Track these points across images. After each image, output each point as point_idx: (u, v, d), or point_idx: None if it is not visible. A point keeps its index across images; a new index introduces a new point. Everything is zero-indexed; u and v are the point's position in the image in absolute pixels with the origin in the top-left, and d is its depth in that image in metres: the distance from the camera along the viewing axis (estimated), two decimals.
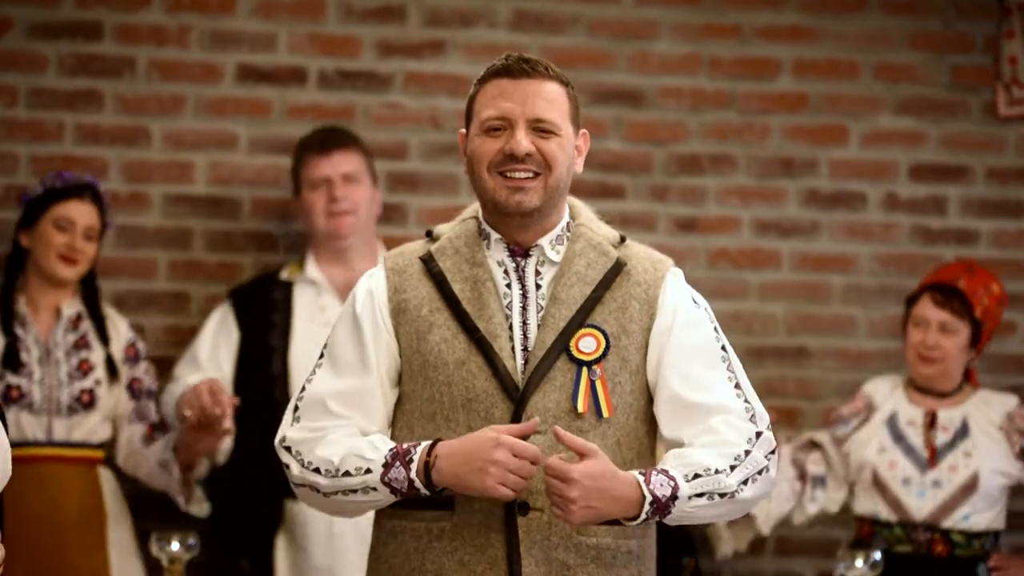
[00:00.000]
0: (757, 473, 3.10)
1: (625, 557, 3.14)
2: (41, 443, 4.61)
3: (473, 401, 3.11)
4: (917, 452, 4.67)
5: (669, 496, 3.03)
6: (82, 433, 4.66)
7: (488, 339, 3.12)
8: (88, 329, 4.74)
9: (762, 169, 5.42)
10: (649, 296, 3.19)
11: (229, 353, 4.87)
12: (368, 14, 5.29)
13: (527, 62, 3.15)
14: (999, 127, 5.48)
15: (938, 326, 4.70)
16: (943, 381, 4.75)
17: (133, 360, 4.77)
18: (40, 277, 4.72)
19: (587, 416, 3.11)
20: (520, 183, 3.13)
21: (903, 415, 4.75)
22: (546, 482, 3.02)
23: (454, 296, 3.17)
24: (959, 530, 4.64)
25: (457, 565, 3.10)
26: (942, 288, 4.72)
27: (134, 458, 4.72)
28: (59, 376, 4.65)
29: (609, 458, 3.07)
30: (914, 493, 4.65)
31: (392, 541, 3.17)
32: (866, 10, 5.45)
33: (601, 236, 3.24)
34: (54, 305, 4.73)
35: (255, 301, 4.92)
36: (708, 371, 3.17)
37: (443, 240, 3.25)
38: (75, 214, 4.69)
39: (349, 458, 3.08)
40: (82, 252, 4.69)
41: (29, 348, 4.66)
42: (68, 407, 4.64)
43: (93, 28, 5.19)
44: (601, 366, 3.13)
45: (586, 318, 3.15)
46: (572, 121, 3.18)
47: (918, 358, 4.73)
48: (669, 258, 3.29)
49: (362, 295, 3.23)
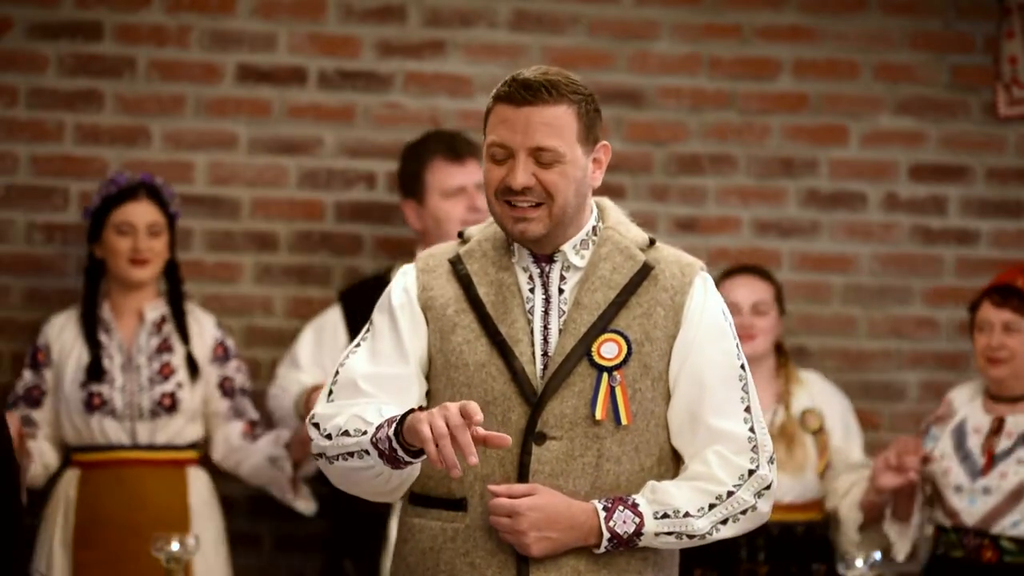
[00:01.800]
0: (740, 512, 3.09)
1: (640, 563, 3.12)
2: (126, 447, 4.65)
3: (491, 404, 3.10)
4: (973, 459, 4.63)
5: (632, 532, 3.06)
6: (167, 435, 4.70)
7: (509, 343, 3.12)
8: (171, 331, 4.78)
9: (762, 169, 5.42)
10: (675, 303, 3.15)
11: (334, 355, 4.81)
12: (368, 14, 5.29)
13: (528, 88, 3.07)
14: (999, 127, 5.48)
15: (1001, 327, 4.65)
16: (1015, 383, 4.68)
17: (223, 359, 4.80)
18: (118, 283, 4.77)
19: (605, 423, 3.10)
20: (523, 212, 3.10)
21: (971, 422, 4.68)
22: (495, 523, 3.04)
23: (479, 299, 3.16)
24: (1008, 536, 4.60)
25: (468, 567, 3.10)
26: (1000, 289, 4.69)
27: (235, 455, 4.75)
28: (140, 381, 4.69)
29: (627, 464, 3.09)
30: (966, 499, 4.62)
31: (411, 539, 3.18)
32: (866, 10, 5.45)
33: (629, 239, 3.20)
34: (137, 309, 4.77)
35: (366, 304, 4.86)
36: (723, 390, 3.14)
37: (472, 243, 3.24)
38: (133, 216, 4.73)
39: (353, 420, 3.05)
40: (149, 250, 4.73)
41: (112, 355, 4.71)
42: (150, 411, 4.68)
43: (93, 28, 5.19)
44: (622, 372, 3.10)
45: (609, 323, 3.12)
46: (582, 140, 3.11)
47: (987, 362, 4.67)
48: (699, 261, 3.22)
49: (399, 290, 3.23)
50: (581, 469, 3.09)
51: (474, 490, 3.10)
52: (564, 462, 3.08)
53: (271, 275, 5.24)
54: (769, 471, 3.12)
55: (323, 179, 5.27)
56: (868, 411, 5.33)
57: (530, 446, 3.09)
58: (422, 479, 3.17)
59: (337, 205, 5.27)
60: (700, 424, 3.12)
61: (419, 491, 3.18)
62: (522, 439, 3.09)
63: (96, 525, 4.62)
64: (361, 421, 3.03)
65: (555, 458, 3.08)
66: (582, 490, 3.08)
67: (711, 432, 3.11)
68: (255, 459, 4.72)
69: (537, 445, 3.08)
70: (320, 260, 5.25)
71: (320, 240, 5.26)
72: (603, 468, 3.10)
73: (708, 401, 3.12)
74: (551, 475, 3.08)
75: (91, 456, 4.69)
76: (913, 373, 5.43)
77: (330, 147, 5.27)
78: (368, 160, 5.26)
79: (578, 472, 3.09)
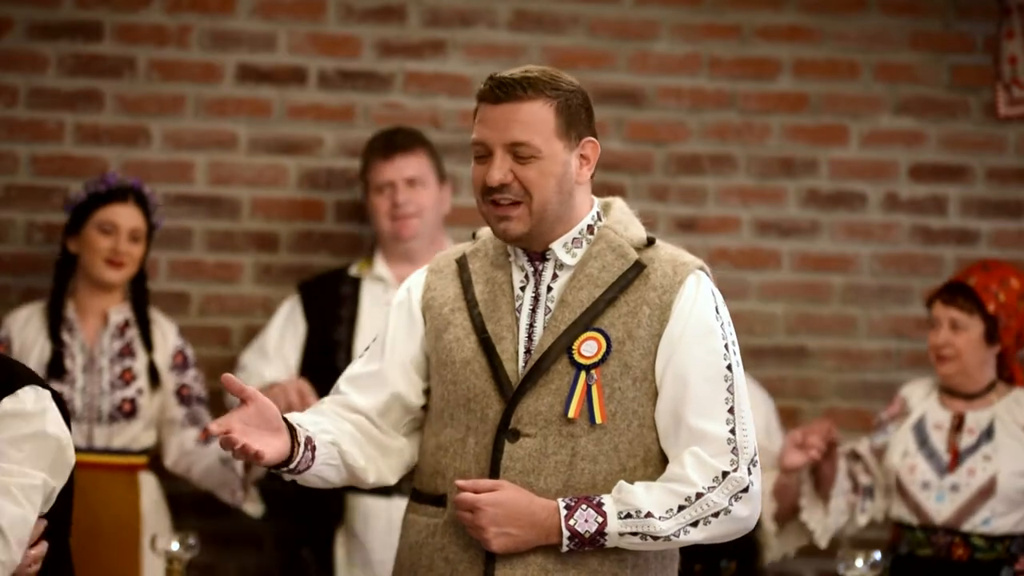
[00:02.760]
0: (712, 515, 3.05)
1: (615, 565, 3.10)
2: (81, 450, 4.61)
3: (472, 401, 3.12)
4: (939, 456, 4.64)
5: (595, 532, 3.04)
6: (123, 441, 4.68)
7: (493, 340, 3.13)
8: (134, 336, 4.76)
9: (762, 169, 5.42)
10: (663, 301, 3.13)
11: (295, 346, 4.93)
12: (368, 14, 5.29)
13: (503, 86, 3.10)
14: (999, 127, 5.48)
15: (948, 324, 4.68)
16: (964, 380, 4.69)
17: (182, 367, 4.78)
18: (88, 282, 4.75)
19: (579, 421, 3.08)
20: (504, 211, 3.11)
21: (931, 418, 4.70)
22: (460, 518, 3.06)
23: (474, 297, 3.18)
24: (979, 533, 4.60)
25: (443, 562, 3.12)
26: (951, 287, 4.71)
27: (187, 459, 4.73)
28: (101, 385, 4.67)
29: (604, 464, 3.08)
30: (933, 497, 4.63)
31: (405, 534, 3.22)
32: (866, 10, 5.45)
33: (625, 238, 3.18)
34: (102, 310, 4.75)
35: (324, 295, 4.97)
36: (706, 390, 3.10)
37: (479, 242, 3.28)
38: (119, 217, 4.71)
39: None
40: (128, 254, 4.71)
41: (74, 355, 4.69)
42: (109, 416, 4.66)
43: (93, 28, 5.19)
44: (599, 371, 3.09)
45: (593, 321, 3.12)
46: (562, 136, 3.11)
47: (935, 359, 4.71)
48: (696, 260, 3.20)
49: (403, 290, 3.30)
50: (553, 467, 3.08)
51: (452, 486, 3.12)
52: (536, 459, 3.08)
53: (271, 275, 5.24)
54: (749, 474, 3.08)
55: (323, 179, 5.27)
56: (868, 411, 5.33)
57: (502, 443, 3.09)
58: (419, 476, 3.22)
59: (337, 205, 5.27)
60: (682, 424, 3.09)
61: (416, 487, 3.23)
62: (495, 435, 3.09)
63: None
64: None
65: (527, 455, 3.08)
66: (554, 488, 3.07)
67: (692, 433, 3.08)
68: (207, 461, 4.68)
69: (510, 442, 3.09)
70: (320, 260, 5.24)
71: (320, 240, 5.26)
72: (577, 467, 3.08)
73: (691, 401, 3.09)
74: (522, 472, 3.07)
75: None
76: (913, 373, 5.41)
77: (330, 147, 5.27)
78: None
79: (550, 470, 3.08)
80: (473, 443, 3.11)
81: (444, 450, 3.15)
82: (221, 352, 5.15)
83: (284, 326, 4.96)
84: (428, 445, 3.19)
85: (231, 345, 5.18)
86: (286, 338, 4.94)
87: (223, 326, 5.19)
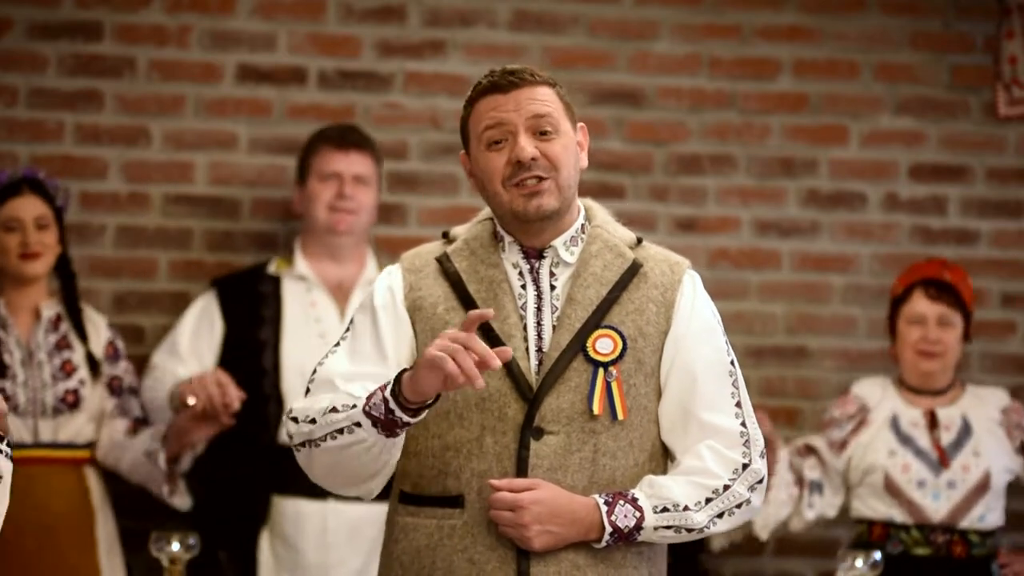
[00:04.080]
0: (736, 507, 3.13)
1: (636, 558, 3.15)
2: (27, 445, 4.60)
3: (487, 400, 3.12)
4: (927, 454, 4.65)
5: (633, 527, 3.08)
6: (68, 434, 4.66)
7: (502, 339, 3.13)
8: (68, 329, 4.73)
9: (762, 169, 5.42)
10: (666, 299, 3.19)
11: (212, 345, 4.87)
12: (368, 14, 5.29)
13: (512, 73, 3.18)
14: (999, 127, 5.48)
15: (936, 320, 4.69)
16: (942, 377, 4.74)
17: (113, 358, 4.76)
18: (12, 280, 4.72)
19: (601, 418, 3.12)
20: (535, 188, 3.13)
21: (904, 416, 4.73)
22: (497, 517, 3.06)
23: (469, 297, 3.18)
24: (975, 530, 4.62)
25: (467, 563, 3.10)
26: (934, 283, 4.72)
27: (115, 451, 4.70)
28: (43, 378, 4.66)
29: (622, 459, 3.12)
30: (929, 495, 4.63)
31: (403, 538, 3.18)
32: (866, 10, 5.45)
33: (617, 238, 3.24)
34: (32, 306, 4.73)
35: (242, 294, 4.91)
36: (714, 385, 3.17)
37: (459, 242, 3.26)
38: (19, 211, 4.67)
39: (340, 397, 3.08)
40: (39, 243, 4.67)
41: (11, 351, 4.66)
42: (53, 408, 4.64)
43: (93, 28, 5.19)
44: (618, 367, 3.13)
45: (602, 319, 3.15)
46: (569, 119, 3.20)
47: (920, 355, 4.72)
48: (686, 260, 3.28)
49: (382, 289, 3.24)
50: (578, 463, 3.11)
51: (471, 486, 3.11)
52: (562, 456, 3.10)
53: None
54: (761, 465, 3.16)
55: None
56: None
57: (528, 440, 3.10)
58: (414, 479, 3.19)
59: None
60: (692, 419, 3.15)
61: (411, 491, 3.19)
62: (519, 434, 3.10)
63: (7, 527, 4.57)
64: (348, 397, 3.07)
65: (553, 452, 3.10)
66: (580, 484, 3.10)
67: (703, 427, 3.15)
68: (132, 454, 4.65)
69: (535, 440, 3.10)
70: None
71: None
72: (599, 463, 3.12)
73: (700, 396, 3.16)
74: (549, 469, 3.09)
75: None
76: None
77: None
78: None
79: (575, 466, 3.11)
80: (492, 442, 3.11)
81: (455, 450, 3.13)
82: None
83: (198, 324, 4.89)
84: (429, 446, 3.17)
85: None
86: (201, 336, 4.87)
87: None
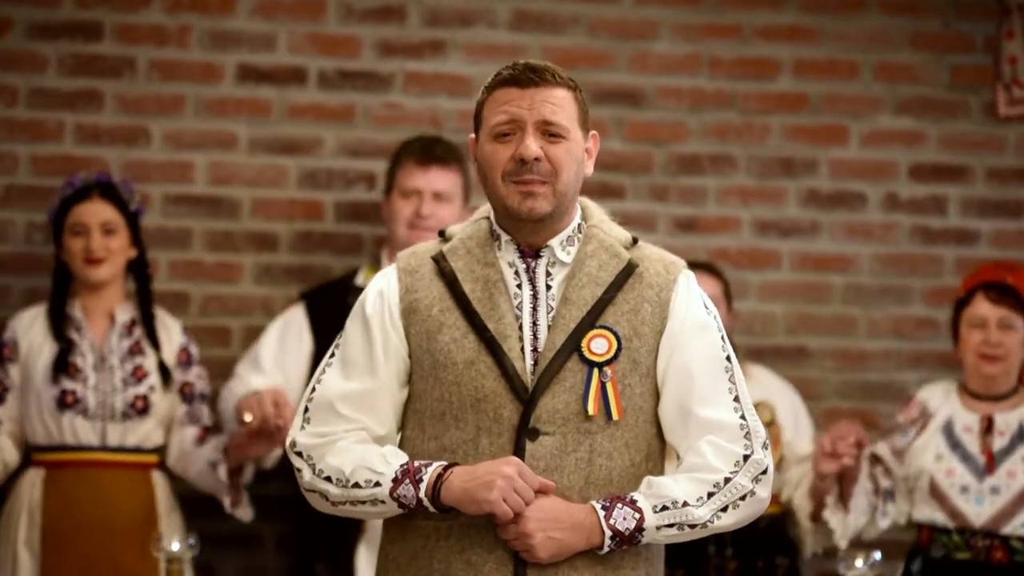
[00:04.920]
0: (740, 499, 3.11)
1: (633, 559, 3.14)
2: (95, 448, 4.63)
3: (482, 401, 3.12)
4: (974, 459, 4.63)
5: (634, 528, 3.07)
6: (136, 438, 4.67)
7: (498, 339, 3.13)
8: (142, 335, 4.75)
9: (762, 169, 5.42)
10: (661, 299, 3.19)
11: (299, 360, 4.84)
12: (368, 14, 5.29)
13: (534, 71, 3.16)
14: (999, 127, 5.49)
15: (997, 323, 4.65)
16: (1004, 381, 4.68)
17: (185, 364, 4.78)
18: (82, 284, 4.74)
19: (596, 418, 3.12)
20: (531, 188, 3.13)
21: (959, 421, 4.68)
22: (501, 531, 3.06)
23: (464, 296, 3.17)
24: (1018, 536, 4.60)
25: (464, 565, 3.10)
26: (996, 286, 4.68)
27: (185, 459, 4.72)
28: (113, 382, 4.67)
29: (618, 459, 3.11)
30: (972, 500, 4.60)
31: (400, 540, 3.18)
32: (866, 10, 5.45)
33: (613, 238, 3.24)
34: (107, 310, 4.75)
35: (331, 307, 4.82)
36: (711, 381, 3.17)
37: (455, 240, 3.25)
38: (85, 216, 4.69)
39: (360, 470, 3.10)
40: (103, 249, 4.69)
41: (84, 354, 4.68)
42: (122, 413, 4.65)
43: (93, 28, 5.20)
44: (612, 368, 3.13)
45: (597, 319, 3.15)
46: (580, 125, 3.19)
47: (981, 358, 4.66)
48: (681, 260, 3.28)
49: (373, 295, 3.23)
50: (574, 464, 3.11)
51: None
52: (558, 457, 3.10)
53: (271, 275, 5.25)
54: (764, 456, 3.15)
55: (323, 179, 5.27)
56: (868, 411, 5.34)
57: (523, 442, 3.10)
58: None
59: (337, 205, 5.28)
60: (691, 417, 3.15)
61: None
62: (515, 435, 3.10)
63: (66, 528, 4.58)
64: (370, 472, 3.09)
65: (548, 453, 3.10)
66: (576, 485, 3.10)
67: (702, 423, 3.14)
68: (199, 464, 4.68)
69: (531, 441, 3.10)
70: (320, 260, 5.25)
71: (320, 240, 5.26)
72: (595, 463, 3.12)
73: (696, 393, 3.15)
74: (545, 470, 3.09)
75: (57, 456, 4.63)
76: (913, 373, 5.43)
77: (330, 147, 5.27)
78: (368, 160, 5.26)
79: (571, 467, 3.10)
80: (487, 443, 3.11)
81: (451, 452, 3.13)
82: (221, 352, 5.15)
83: (283, 338, 4.89)
84: (425, 448, 3.16)
85: (231, 345, 5.18)
86: (287, 350, 4.86)
87: (223, 326, 5.19)
